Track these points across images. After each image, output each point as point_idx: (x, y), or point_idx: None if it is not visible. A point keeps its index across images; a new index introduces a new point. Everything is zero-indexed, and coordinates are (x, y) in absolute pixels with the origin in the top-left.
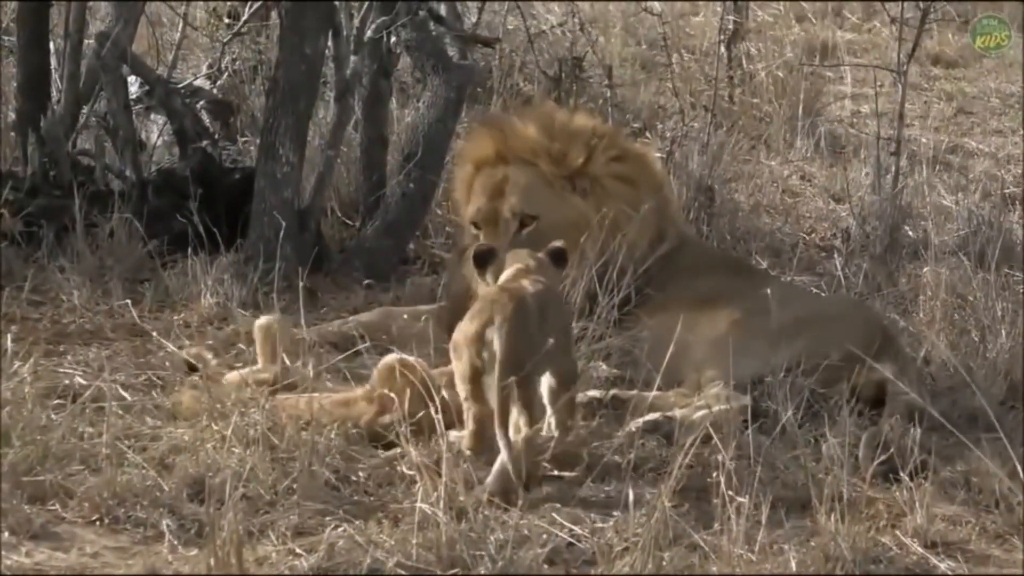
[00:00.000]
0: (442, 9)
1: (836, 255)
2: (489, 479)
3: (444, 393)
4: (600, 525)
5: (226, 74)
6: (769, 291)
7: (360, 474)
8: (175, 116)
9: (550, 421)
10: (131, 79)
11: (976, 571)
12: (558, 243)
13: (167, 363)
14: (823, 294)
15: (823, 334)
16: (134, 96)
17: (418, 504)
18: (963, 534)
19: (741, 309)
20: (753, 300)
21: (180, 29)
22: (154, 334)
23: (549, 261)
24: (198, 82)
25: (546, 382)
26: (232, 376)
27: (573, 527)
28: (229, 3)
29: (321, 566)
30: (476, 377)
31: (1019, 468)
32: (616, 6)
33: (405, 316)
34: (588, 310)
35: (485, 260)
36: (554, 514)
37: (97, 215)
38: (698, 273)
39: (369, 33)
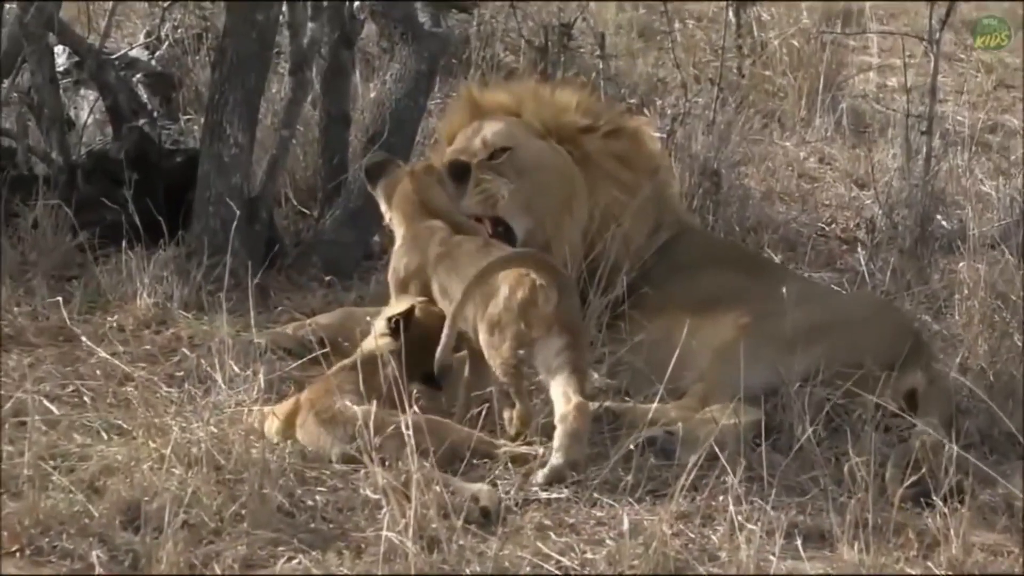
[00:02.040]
0: None
1: (859, 248)
2: (555, 458)
3: (416, 408)
4: (591, 555)
5: (166, 43)
6: (784, 290)
7: (318, 498)
8: (108, 91)
9: None
10: (58, 49)
11: None
12: (460, 158)
13: (98, 371)
14: (844, 293)
15: (845, 339)
16: (61, 68)
17: (384, 532)
18: (1005, 565)
19: (751, 311)
20: (765, 300)
21: None
22: (84, 339)
23: (449, 178)
24: (134, 52)
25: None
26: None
27: (560, 558)
28: None
29: None
30: (520, 360)
31: None
32: None
33: (369, 318)
34: None
35: (377, 173)
36: (539, 543)
37: (19, 203)
38: (702, 268)
39: None
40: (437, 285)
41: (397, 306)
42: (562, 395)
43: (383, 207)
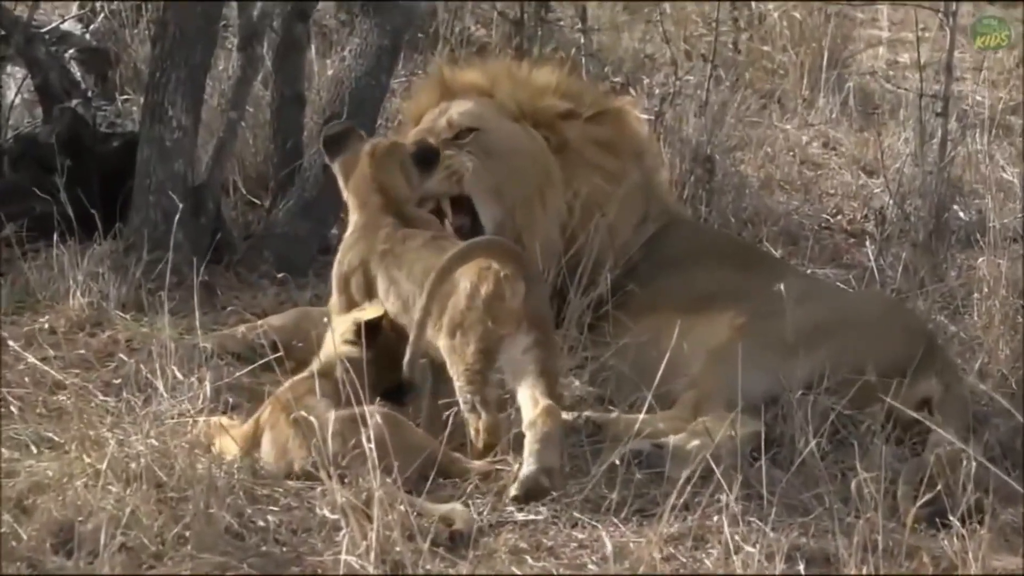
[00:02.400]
0: None
1: (868, 242)
2: (527, 466)
3: (377, 417)
4: None
5: (102, 15)
6: (783, 287)
7: (270, 518)
8: (37, 68)
9: None
10: None
11: None
12: (428, 140)
13: (26, 378)
14: (851, 291)
15: (851, 342)
16: None
17: (343, 556)
18: None
19: (748, 310)
20: (763, 299)
21: None
22: (11, 342)
23: (414, 165)
24: (66, 26)
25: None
26: None
27: None
28: None
29: None
30: (490, 362)
31: None
32: None
33: (326, 319)
34: (556, 311)
35: (337, 146)
36: (514, 567)
37: None
38: (693, 263)
39: None
40: (382, 285)
41: (367, 312)
42: (530, 399)
43: (340, 184)
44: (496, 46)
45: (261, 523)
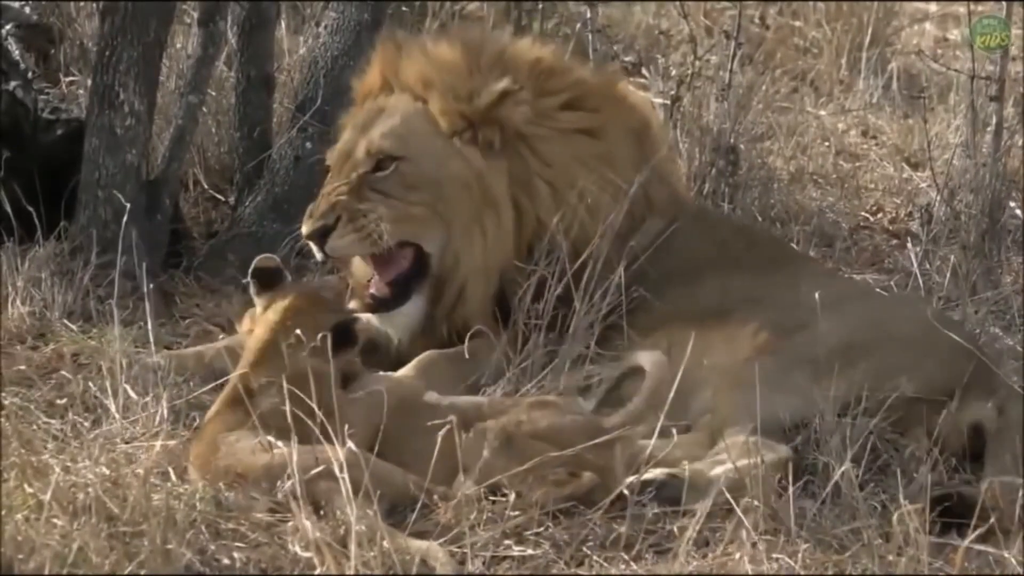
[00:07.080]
0: None
1: (912, 243)
2: None
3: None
4: None
5: None
6: (816, 294)
7: (236, 555)
8: None
9: None
10: None
11: None
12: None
13: None
14: (891, 297)
15: (892, 357)
16: None
17: None
18: None
19: (773, 321)
20: (792, 307)
21: None
22: None
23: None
24: None
25: None
26: None
27: None
28: None
29: None
30: None
31: None
32: None
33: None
34: (560, 323)
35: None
36: None
37: None
38: (710, 266)
39: None
40: None
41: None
42: None
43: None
44: (492, 22)
45: (226, 561)
